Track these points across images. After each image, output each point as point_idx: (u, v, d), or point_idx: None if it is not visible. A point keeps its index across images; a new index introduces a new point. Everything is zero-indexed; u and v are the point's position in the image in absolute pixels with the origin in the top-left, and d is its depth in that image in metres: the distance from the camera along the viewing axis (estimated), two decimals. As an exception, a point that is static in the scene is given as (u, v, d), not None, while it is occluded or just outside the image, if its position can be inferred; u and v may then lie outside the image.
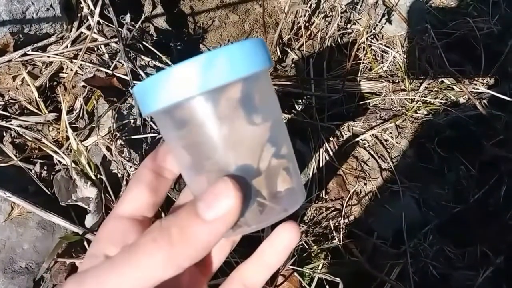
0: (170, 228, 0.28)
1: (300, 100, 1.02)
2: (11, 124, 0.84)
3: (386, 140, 1.05)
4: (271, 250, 0.37)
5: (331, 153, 0.99)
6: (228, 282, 0.38)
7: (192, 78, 0.28)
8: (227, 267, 0.83)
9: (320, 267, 0.88)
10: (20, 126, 0.85)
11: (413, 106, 1.05)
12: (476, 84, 1.10)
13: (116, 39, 0.91)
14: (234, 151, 0.31)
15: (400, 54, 1.11)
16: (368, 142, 1.04)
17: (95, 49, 0.94)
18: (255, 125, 0.32)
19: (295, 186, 0.35)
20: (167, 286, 0.34)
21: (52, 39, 0.94)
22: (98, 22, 0.94)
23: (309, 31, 1.08)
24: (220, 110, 0.30)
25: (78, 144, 0.82)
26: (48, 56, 0.91)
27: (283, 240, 0.36)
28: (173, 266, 0.28)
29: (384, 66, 1.10)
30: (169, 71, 0.29)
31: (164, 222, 0.28)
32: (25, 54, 0.91)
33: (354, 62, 1.09)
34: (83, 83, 0.87)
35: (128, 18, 0.93)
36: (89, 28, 0.93)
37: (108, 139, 0.84)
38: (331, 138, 1.01)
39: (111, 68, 0.90)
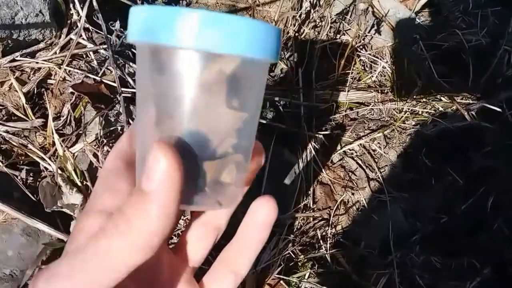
0: (124, 210, 0.28)
1: (288, 110, 1.03)
2: (-3, 130, 0.84)
3: (374, 150, 1.05)
4: (250, 229, 0.36)
5: (319, 162, 0.99)
6: (213, 269, 0.38)
7: (199, 32, 0.26)
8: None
9: (306, 277, 0.88)
10: (6, 132, 0.84)
11: (402, 117, 1.06)
12: (464, 95, 1.11)
13: (105, 46, 0.91)
14: (199, 123, 0.30)
15: (389, 65, 1.11)
16: (356, 152, 1.04)
17: (84, 55, 0.94)
18: (232, 110, 0.30)
19: (238, 184, 0.34)
20: (145, 277, 0.34)
21: (41, 45, 0.93)
22: (87, 29, 0.94)
23: (298, 41, 1.08)
24: (208, 76, 0.29)
25: (64, 150, 0.81)
26: (37, 62, 0.91)
27: (261, 217, 0.36)
28: (140, 248, 0.27)
29: (373, 76, 1.11)
30: (181, 12, 0.27)
31: (122, 206, 0.28)
32: (13, 60, 0.90)
33: (343, 72, 1.10)
34: (71, 90, 0.87)
35: (117, 25, 0.93)
36: (77, 34, 0.93)
37: (95, 145, 0.84)
38: (319, 148, 1.01)
39: (99, 75, 0.90)
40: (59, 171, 0.81)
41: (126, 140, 0.37)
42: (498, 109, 1.04)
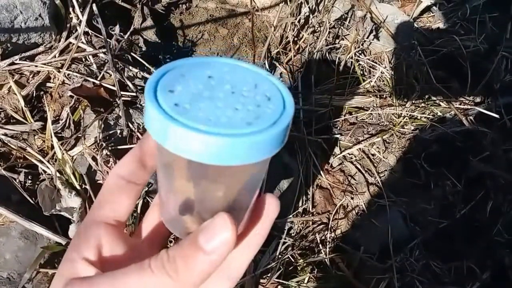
0: (175, 258, 0.31)
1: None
2: (-4, 133, 0.84)
3: (373, 155, 1.05)
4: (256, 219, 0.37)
5: (318, 166, 0.99)
6: None
7: (199, 148, 0.28)
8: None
9: (306, 281, 0.88)
10: (5, 134, 0.84)
11: (400, 121, 1.06)
12: (462, 101, 1.12)
13: (105, 50, 0.91)
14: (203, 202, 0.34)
15: (387, 70, 1.12)
16: (355, 157, 1.04)
17: (83, 59, 0.94)
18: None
19: None
20: None
21: (41, 48, 0.93)
22: (87, 33, 0.95)
23: (297, 46, 1.09)
24: (207, 175, 0.32)
25: (63, 153, 0.81)
26: (36, 66, 0.91)
27: (263, 213, 0.37)
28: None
29: (371, 81, 1.11)
30: (190, 131, 0.28)
31: (170, 252, 0.31)
32: (12, 63, 0.90)
33: (342, 77, 1.10)
34: (70, 93, 0.87)
35: (117, 29, 0.93)
36: (77, 38, 0.93)
37: (94, 149, 0.83)
38: (318, 152, 1.01)
39: (98, 78, 0.90)
40: (58, 174, 0.81)
41: (132, 160, 0.39)
42: (495, 115, 1.05)
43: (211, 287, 0.38)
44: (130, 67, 0.94)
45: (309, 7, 1.10)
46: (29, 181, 0.83)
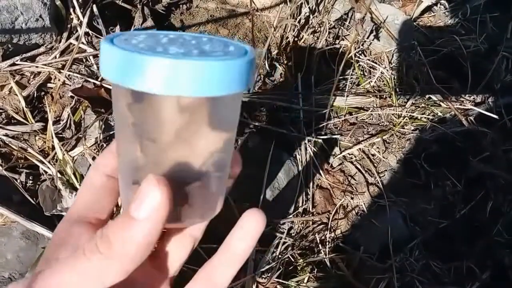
0: (108, 234, 0.29)
1: (287, 114, 1.03)
2: (-3, 133, 0.84)
3: (373, 155, 1.05)
4: (237, 240, 0.36)
5: (318, 167, 1.00)
6: (193, 281, 0.38)
7: (166, 78, 0.26)
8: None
9: (305, 281, 0.88)
10: (6, 135, 0.84)
11: (400, 122, 1.06)
12: (462, 101, 1.12)
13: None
14: (181, 149, 0.31)
15: (387, 70, 1.12)
16: (355, 157, 1.04)
17: (84, 60, 0.94)
18: (213, 133, 0.32)
19: (219, 196, 0.36)
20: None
21: (41, 49, 0.94)
22: (87, 33, 0.95)
23: (297, 46, 1.09)
24: (177, 114, 0.29)
25: (64, 154, 0.81)
26: (37, 66, 0.91)
27: (249, 229, 0.36)
28: (117, 271, 0.29)
29: (371, 81, 1.11)
30: (150, 59, 0.26)
31: (104, 230, 0.30)
32: (13, 64, 0.91)
33: (342, 77, 1.10)
34: (70, 94, 0.87)
35: (117, 29, 0.93)
36: (78, 39, 0.93)
37: (94, 149, 0.84)
38: (318, 152, 1.01)
39: (99, 79, 0.90)
40: (59, 175, 0.81)
41: (113, 156, 0.38)
42: (495, 116, 1.05)
43: None
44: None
45: (309, 7, 1.10)
46: (30, 182, 0.83)
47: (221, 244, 0.37)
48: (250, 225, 0.36)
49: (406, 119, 1.07)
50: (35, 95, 0.90)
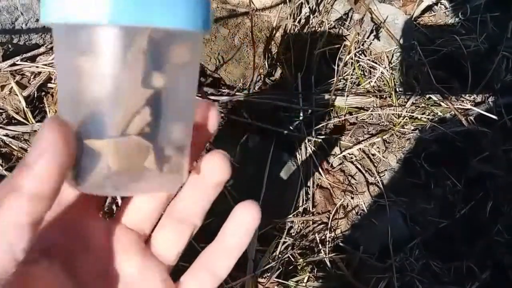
0: (2, 186, 0.26)
1: (287, 114, 1.03)
2: (-3, 133, 0.84)
3: (373, 155, 1.05)
4: (232, 233, 0.36)
5: (318, 166, 1.00)
6: (191, 270, 0.37)
7: (109, 6, 0.25)
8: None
9: (305, 280, 0.88)
10: (6, 135, 0.85)
11: (400, 122, 1.06)
12: (462, 101, 1.12)
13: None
14: (113, 100, 0.28)
15: (387, 70, 1.12)
16: (355, 156, 1.04)
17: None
18: (146, 86, 0.28)
19: (177, 161, 0.32)
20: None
21: (42, 49, 0.94)
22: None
23: (297, 46, 1.09)
24: (121, 50, 0.27)
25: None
26: (37, 66, 0.91)
27: (243, 221, 0.35)
28: (16, 227, 0.25)
29: (371, 81, 1.11)
30: None
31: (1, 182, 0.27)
32: (13, 64, 0.91)
33: (342, 77, 1.10)
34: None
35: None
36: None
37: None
38: (318, 152, 1.01)
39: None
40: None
41: None
42: (494, 117, 1.04)
43: (194, 284, 0.37)
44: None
45: (309, 7, 1.10)
46: (30, 182, 0.83)
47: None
48: (244, 219, 0.35)
49: (406, 119, 1.07)
50: (35, 95, 0.90)
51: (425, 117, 1.08)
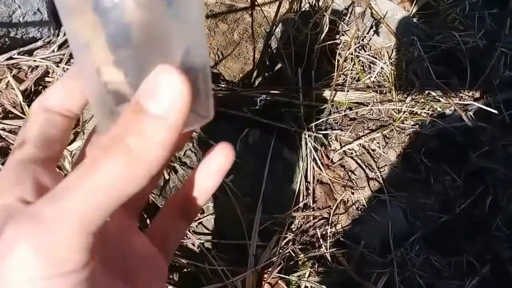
0: (122, 136, 0.24)
1: (288, 109, 1.02)
2: (-5, 127, 0.83)
3: (373, 150, 1.05)
4: (205, 173, 0.34)
5: (318, 162, 0.99)
6: (161, 215, 0.36)
7: None
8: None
9: (307, 275, 0.88)
10: (3, 129, 0.84)
11: (400, 117, 1.06)
12: (462, 96, 1.12)
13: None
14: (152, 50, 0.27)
15: (387, 66, 1.11)
16: (355, 152, 1.04)
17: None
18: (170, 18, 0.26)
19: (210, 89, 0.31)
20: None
21: (39, 43, 0.93)
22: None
23: (297, 41, 1.08)
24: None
25: (63, 148, 0.81)
26: (34, 60, 0.90)
27: (216, 162, 0.34)
28: (137, 177, 0.24)
29: (371, 77, 1.11)
30: None
31: (113, 131, 0.25)
32: (10, 58, 0.90)
33: (342, 72, 1.10)
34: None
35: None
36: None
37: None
38: (318, 147, 1.01)
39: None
40: (57, 170, 0.80)
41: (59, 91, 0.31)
42: (494, 111, 1.05)
43: (165, 229, 0.37)
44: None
45: (309, 2, 1.10)
46: (29, 176, 0.82)
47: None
48: (217, 160, 0.34)
49: (406, 114, 1.07)
50: (32, 89, 0.89)
51: (424, 112, 1.08)
